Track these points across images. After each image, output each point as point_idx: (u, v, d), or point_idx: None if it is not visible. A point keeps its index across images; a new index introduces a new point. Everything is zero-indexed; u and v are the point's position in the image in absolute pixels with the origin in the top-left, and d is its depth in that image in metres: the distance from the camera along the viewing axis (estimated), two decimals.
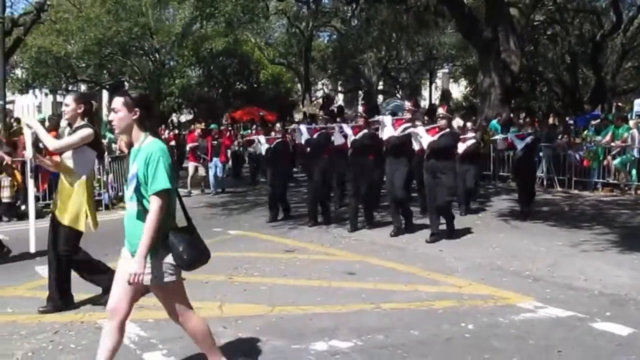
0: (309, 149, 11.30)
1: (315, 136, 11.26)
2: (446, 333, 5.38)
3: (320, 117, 12.51)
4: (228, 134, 19.64)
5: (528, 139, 11.39)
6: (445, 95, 32.85)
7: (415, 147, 9.81)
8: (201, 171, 16.45)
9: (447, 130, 9.58)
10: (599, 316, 5.79)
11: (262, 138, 12.29)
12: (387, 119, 9.95)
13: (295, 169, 17.90)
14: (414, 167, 10.23)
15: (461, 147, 11.28)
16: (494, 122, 16.56)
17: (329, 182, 11.49)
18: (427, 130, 9.66)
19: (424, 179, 9.74)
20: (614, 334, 5.35)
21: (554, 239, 9.50)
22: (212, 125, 16.50)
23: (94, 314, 5.90)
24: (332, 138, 10.93)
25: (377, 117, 10.36)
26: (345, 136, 10.62)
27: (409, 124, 9.89)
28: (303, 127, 11.67)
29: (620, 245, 8.98)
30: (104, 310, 5.93)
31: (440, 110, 9.90)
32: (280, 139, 12.03)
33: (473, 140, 11.93)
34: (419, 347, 5.06)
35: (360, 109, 10.45)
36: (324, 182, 11.07)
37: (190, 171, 16.49)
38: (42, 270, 7.80)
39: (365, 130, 10.26)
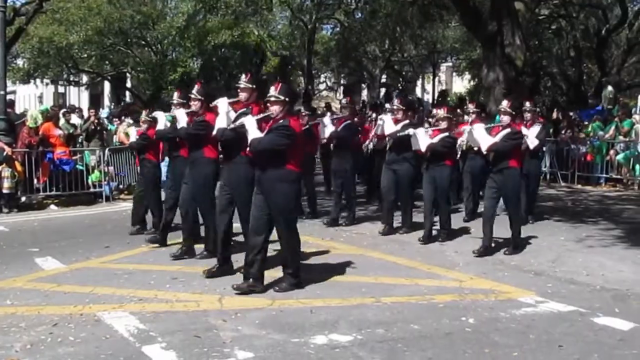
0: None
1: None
2: (446, 327, 5.35)
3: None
4: None
5: (501, 135, 8.15)
6: (444, 95, 32.68)
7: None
8: None
9: (349, 122, 9.46)
10: (601, 311, 5.77)
11: (132, 130, 10.36)
12: (223, 102, 7.02)
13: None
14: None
15: (424, 143, 8.85)
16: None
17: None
18: (334, 121, 9.50)
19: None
20: (615, 328, 5.33)
21: (557, 233, 9.47)
22: (167, 117, 13.25)
23: (93, 307, 5.88)
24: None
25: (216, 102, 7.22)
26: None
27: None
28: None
29: (623, 240, 8.95)
30: (105, 303, 5.96)
31: (343, 101, 9.61)
32: (145, 132, 9.61)
33: (445, 134, 8.94)
34: (419, 341, 5.04)
35: (243, 76, 7.35)
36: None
37: None
38: (42, 262, 7.81)
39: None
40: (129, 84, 36.54)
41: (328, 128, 10.28)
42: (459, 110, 11.99)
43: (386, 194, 9.71)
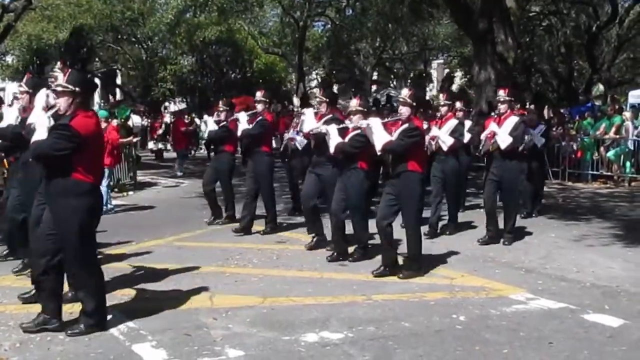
0: None
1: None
2: (437, 325, 5.36)
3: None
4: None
5: (397, 132, 6.93)
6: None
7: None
8: None
9: (261, 118, 8.88)
10: (591, 308, 5.79)
11: None
12: (40, 95, 5.58)
13: None
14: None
15: (333, 142, 7.33)
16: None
17: None
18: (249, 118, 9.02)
19: None
20: (605, 325, 5.36)
21: (548, 230, 9.48)
22: (101, 113, 12.17)
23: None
24: None
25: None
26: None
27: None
28: None
29: (614, 237, 8.97)
30: None
31: (258, 94, 9.07)
32: None
33: (357, 132, 7.28)
34: (410, 338, 5.04)
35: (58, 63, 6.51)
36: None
37: None
38: None
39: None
40: (119, 81, 36.44)
41: (242, 125, 9.21)
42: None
43: (305, 202, 8.35)
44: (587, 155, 15.36)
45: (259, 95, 9.36)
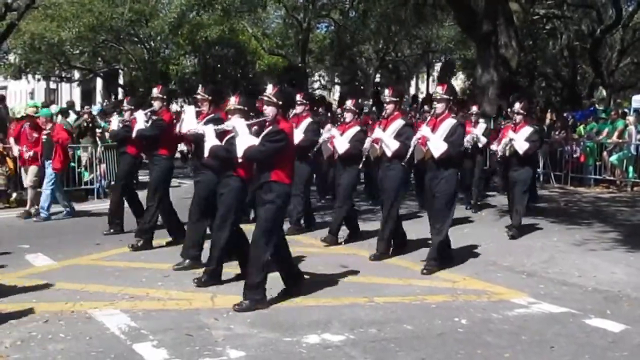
0: None
1: None
2: (439, 328, 5.35)
3: None
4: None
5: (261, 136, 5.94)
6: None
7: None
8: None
9: (156, 118, 8.21)
10: (593, 312, 5.78)
11: None
12: None
13: None
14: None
15: (208, 144, 6.31)
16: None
17: None
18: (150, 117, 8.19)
19: None
20: (606, 330, 5.35)
21: (550, 235, 9.46)
22: (43, 111, 11.24)
23: (84, 304, 5.85)
24: None
25: None
26: None
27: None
28: None
29: (616, 242, 8.96)
30: (96, 300, 5.93)
31: (154, 91, 8.34)
32: None
33: (231, 135, 6.15)
34: (411, 341, 5.04)
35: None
36: None
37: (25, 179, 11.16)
38: (33, 258, 7.77)
39: None
40: (121, 81, 36.45)
41: (138, 125, 8.27)
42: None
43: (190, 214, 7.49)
44: (589, 159, 15.34)
45: (155, 92, 8.43)
